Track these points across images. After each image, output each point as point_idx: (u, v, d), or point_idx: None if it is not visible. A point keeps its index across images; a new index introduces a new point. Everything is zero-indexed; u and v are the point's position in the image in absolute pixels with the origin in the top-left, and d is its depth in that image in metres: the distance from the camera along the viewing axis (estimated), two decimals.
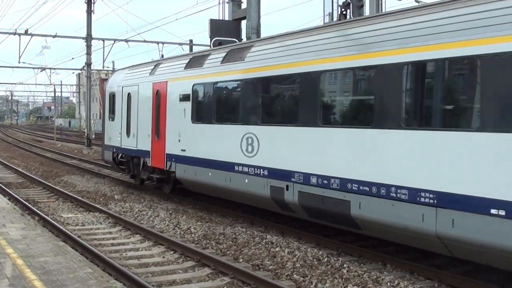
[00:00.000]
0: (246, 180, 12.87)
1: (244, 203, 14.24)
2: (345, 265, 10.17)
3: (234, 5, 25.27)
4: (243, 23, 24.37)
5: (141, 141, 18.51)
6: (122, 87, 20.40)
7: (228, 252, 11.24)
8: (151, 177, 18.44)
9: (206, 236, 12.56)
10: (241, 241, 12.07)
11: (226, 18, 25.56)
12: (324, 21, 22.06)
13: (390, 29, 9.74)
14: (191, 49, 44.49)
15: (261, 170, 12.40)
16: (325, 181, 10.67)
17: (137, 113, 18.96)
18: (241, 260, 10.65)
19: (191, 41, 45.84)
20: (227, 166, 13.59)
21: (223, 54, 14.53)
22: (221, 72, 14.28)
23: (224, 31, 23.60)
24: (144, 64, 20.40)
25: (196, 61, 15.85)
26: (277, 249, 11.34)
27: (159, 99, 17.48)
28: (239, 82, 13.61)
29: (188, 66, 16.03)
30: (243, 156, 13.02)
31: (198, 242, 12.18)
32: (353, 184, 10.06)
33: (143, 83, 18.78)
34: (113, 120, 21.07)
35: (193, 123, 15.39)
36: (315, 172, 10.93)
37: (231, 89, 14.45)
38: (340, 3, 21.79)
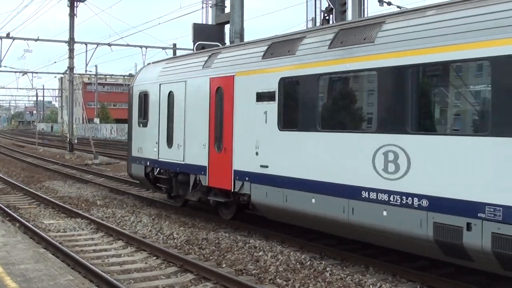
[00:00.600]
0: (385, 213, 9.38)
1: (375, 243, 10.44)
2: (328, 269, 10.18)
3: (217, 10, 25.30)
4: (227, 27, 24.41)
5: (192, 153, 14.81)
6: (160, 84, 16.52)
7: (211, 257, 11.19)
8: (205, 200, 14.83)
9: (189, 242, 12.50)
10: (224, 246, 12.03)
11: (210, 23, 25.56)
12: (307, 26, 22.17)
13: None
14: (174, 53, 44.43)
15: (415, 199, 8.89)
16: None
17: (183, 117, 15.19)
18: (224, 265, 10.60)
19: (174, 45, 45.76)
20: (348, 192, 9.99)
21: (330, 36, 10.89)
22: (331, 61, 10.56)
23: (207, 35, 23.63)
24: (190, 55, 16.76)
25: (281, 47, 12.14)
26: (260, 253, 11.33)
27: (220, 99, 13.74)
28: (367, 72, 9.97)
29: (268, 54, 12.35)
30: (378, 177, 9.48)
31: (181, 247, 12.12)
32: None
33: (193, 78, 14.91)
34: (145, 126, 17.34)
35: (280, 130, 11.69)
36: None
37: (349, 82, 10.76)
38: (323, 9, 22.01)
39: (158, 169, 16.59)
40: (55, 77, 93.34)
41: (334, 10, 21.59)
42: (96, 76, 77.52)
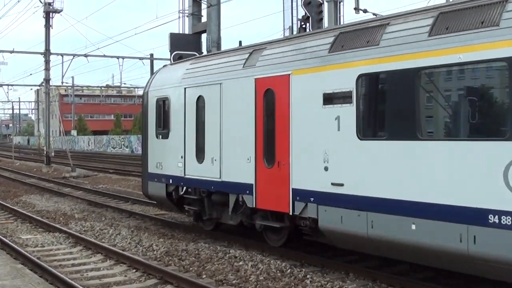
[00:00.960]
0: None
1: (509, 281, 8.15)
2: (308, 276, 10.18)
3: (194, 19, 25.30)
4: (204, 36, 24.41)
5: (231, 168, 12.57)
6: (185, 88, 14.20)
7: (191, 269, 11.12)
8: (249, 224, 12.71)
9: (169, 253, 12.42)
10: (204, 256, 11.97)
11: (186, 32, 25.54)
12: (284, 34, 22.30)
13: None
14: (152, 64, 44.34)
15: None
16: None
17: (219, 126, 12.89)
18: (204, 276, 10.54)
19: (151, 55, 45.67)
20: (467, 215, 7.99)
21: (429, 21, 8.88)
22: (435, 51, 8.48)
23: (184, 45, 23.59)
24: (222, 53, 14.38)
25: (354, 38, 10.04)
26: (240, 263, 11.29)
27: (271, 103, 11.58)
28: (491, 63, 8.00)
29: (337, 47, 10.21)
30: None
31: (161, 259, 12.03)
32: None
33: (230, 80, 12.65)
34: (165, 137, 15.02)
35: (361, 139, 9.52)
36: None
37: (464, 77, 8.56)
38: (300, 17, 22.16)
39: (184, 188, 14.32)
40: (31, 89, 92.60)
41: (310, 18, 21.72)
42: (73, 88, 76.98)
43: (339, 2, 22.40)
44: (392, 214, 8.98)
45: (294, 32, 21.72)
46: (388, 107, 9.26)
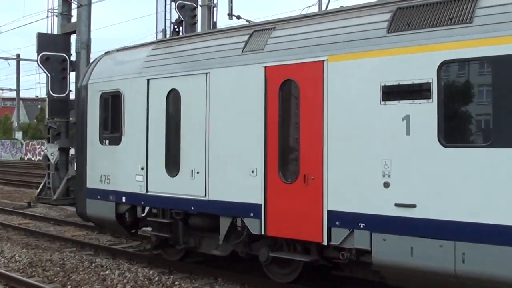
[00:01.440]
0: None
1: None
2: (176, 283, 10.14)
3: (63, 19, 24.33)
4: (73, 37, 23.58)
5: (224, 183, 9.82)
6: (148, 79, 11.18)
7: (55, 279, 10.69)
8: (247, 254, 9.97)
9: (32, 264, 11.84)
10: (70, 266, 11.54)
11: (55, 32, 24.53)
12: (156, 37, 22.07)
13: None
14: (18, 64, 42.15)
15: None
16: None
17: (204, 128, 10.15)
18: (69, 286, 10.19)
19: (18, 55, 43.44)
20: None
21: None
22: None
23: (52, 46, 22.69)
24: (204, 34, 11.32)
25: (425, 13, 7.81)
26: (107, 272, 11.01)
27: (290, 98, 9.09)
28: None
29: (400, 25, 7.95)
30: None
31: (24, 270, 11.46)
32: None
33: (223, 68, 9.85)
34: (115, 142, 11.86)
35: (446, 146, 7.33)
36: None
37: None
38: (173, 20, 22.05)
39: (146, 208, 11.35)
40: None
41: (184, 22, 21.69)
42: None
43: (213, 7, 22.55)
44: (496, 245, 6.82)
45: (168, 35, 21.53)
46: (495, 104, 7.00)
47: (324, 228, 8.44)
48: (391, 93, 7.85)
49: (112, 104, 11.97)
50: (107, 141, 12.07)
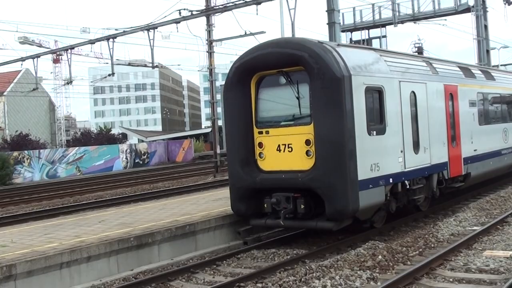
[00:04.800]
0: None
1: None
2: None
3: None
4: None
5: (436, 154, 15.14)
6: (399, 81, 13.72)
7: None
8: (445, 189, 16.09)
9: None
10: None
11: None
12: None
13: None
14: None
15: None
16: None
17: (427, 118, 14.90)
18: None
19: None
20: None
21: None
22: None
23: None
24: (414, 56, 17.64)
25: None
26: None
27: (453, 101, 16.49)
28: None
29: None
30: None
31: None
32: None
33: (428, 82, 15.20)
34: (381, 133, 12.83)
35: None
36: None
37: None
38: None
39: (405, 182, 13.65)
40: None
41: None
42: None
43: None
44: None
45: None
46: None
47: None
48: None
49: (378, 98, 12.98)
50: (375, 132, 12.64)
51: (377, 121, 12.71)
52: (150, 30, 31.70)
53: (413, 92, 14.17)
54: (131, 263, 11.49)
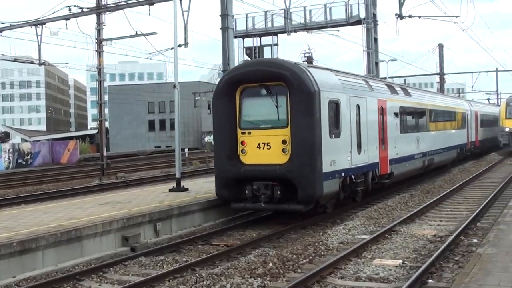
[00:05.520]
0: None
1: None
2: None
3: None
4: None
5: (371, 154, 19.08)
6: (349, 96, 17.44)
7: None
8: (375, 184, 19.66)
9: None
10: None
11: None
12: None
13: None
14: None
15: None
16: None
17: (366, 126, 18.64)
18: None
19: None
20: None
21: None
22: None
23: None
24: (360, 76, 21.51)
25: None
26: None
27: (384, 113, 20.77)
28: None
29: None
30: None
31: None
32: None
33: (367, 98, 19.10)
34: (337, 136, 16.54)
35: None
36: None
37: None
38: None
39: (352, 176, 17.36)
40: None
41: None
42: None
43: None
44: None
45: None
46: None
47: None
48: None
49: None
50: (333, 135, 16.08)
51: (335, 127, 16.09)
52: (38, 25, 30.47)
53: (358, 105, 17.64)
54: (14, 270, 10.86)
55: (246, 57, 32.27)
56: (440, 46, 57.48)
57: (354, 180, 17.24)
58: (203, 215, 16.40)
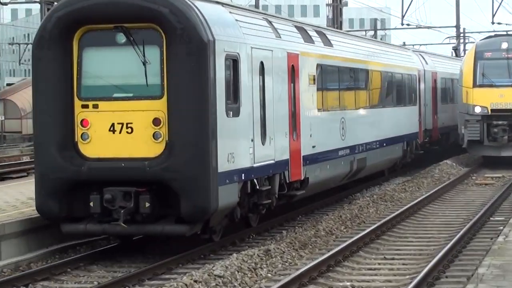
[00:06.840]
0: None
1: None
2: None
3: None
4: None
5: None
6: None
7: None
8: None
9: None
10: None
11: None
12: None
13: None
14: None
15: None
16: None
17: None
18: None
19: None
20: None
21: None
22: None
23: None
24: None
25: None
26: None
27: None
28: None
29: None
30: None
31: None
32: None
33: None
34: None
35: None
36: None
37: None
38: None
39: None
40: None
41: None
42: None
43: None
44: None
45: None
46: None
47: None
48: None
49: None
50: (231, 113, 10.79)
51: (233, 99, 10.49)
52: None
53: (261, 62, 11.42)
54: None
55: None
56: None
57: (257, 187, 11.29)
58: (16, 244, 10.41)
